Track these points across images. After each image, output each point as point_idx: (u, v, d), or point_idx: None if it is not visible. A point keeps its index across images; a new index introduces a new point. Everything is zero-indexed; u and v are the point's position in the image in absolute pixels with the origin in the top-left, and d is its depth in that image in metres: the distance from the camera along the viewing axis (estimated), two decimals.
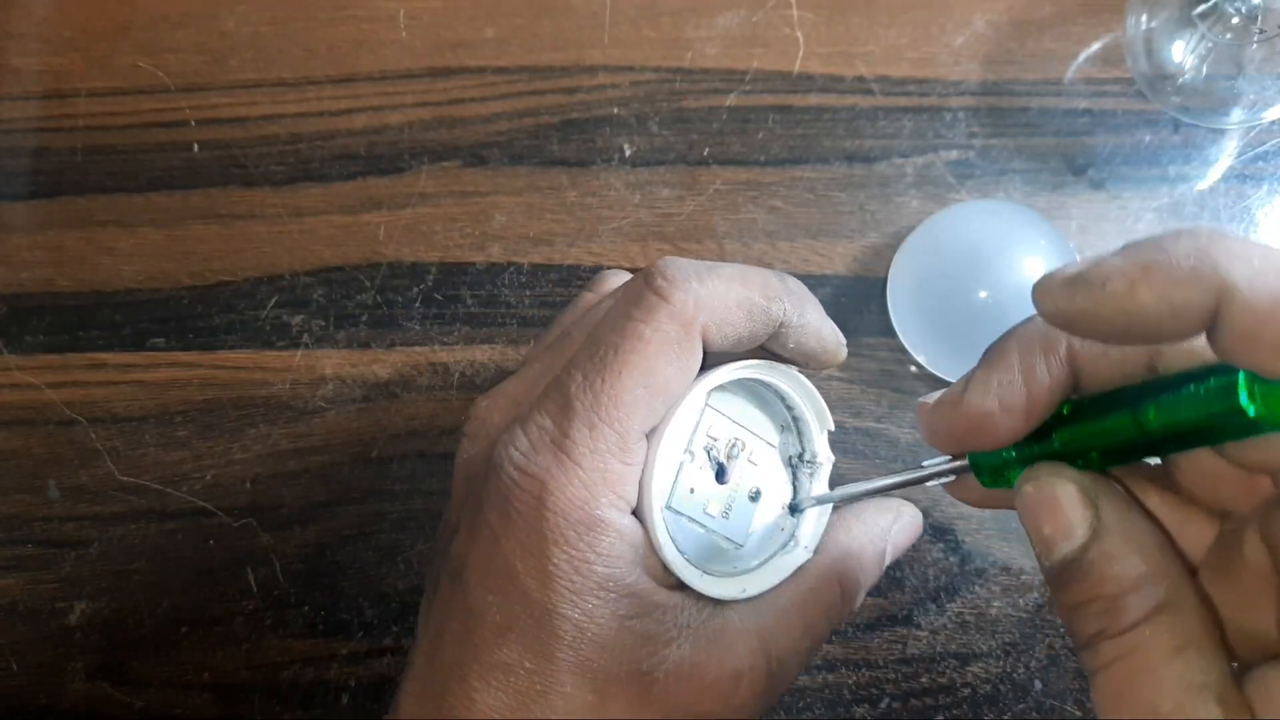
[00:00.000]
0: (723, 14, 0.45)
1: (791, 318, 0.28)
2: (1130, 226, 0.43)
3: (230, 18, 0.46)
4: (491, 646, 0.26)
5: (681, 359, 0.26)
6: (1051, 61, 0.45)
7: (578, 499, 0.25)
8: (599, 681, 0.26)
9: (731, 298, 0.27)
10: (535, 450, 0.26)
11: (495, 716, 0.26)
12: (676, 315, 0.26)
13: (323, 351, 0.43)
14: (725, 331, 0.27)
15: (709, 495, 0.29)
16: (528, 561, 0.26)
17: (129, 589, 0.42)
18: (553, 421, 0.26)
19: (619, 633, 0.26)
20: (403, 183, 0.45)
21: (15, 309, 0.44)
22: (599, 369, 0.26)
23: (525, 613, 0.26)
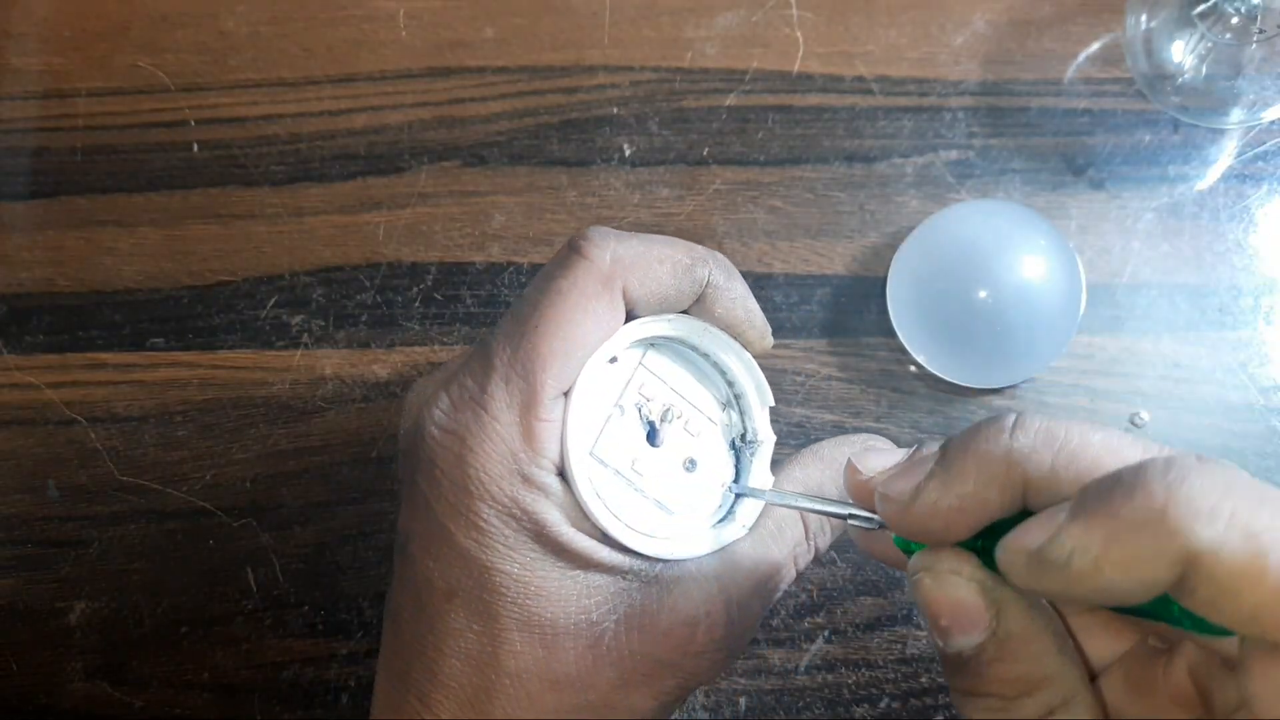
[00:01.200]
0: (722, 14, 0.45)
1: (718, 280, 0.28)
2: (1130, 226, 0.43)
3: (230, 18, 0.46)
4: (442, 614, 0.26)
5: (599, 313, 0.26)
6: (1051, 61, 0.45)
7: (498, 454, 0.25)
8: (547, 635, 0.26)
9: (653, 254, 0.27)
10: (456, 409, 0.26)
11: (454, 684, 0.26)
12: (594, 270, 0.26)
13: (322, 351, 0.43)
14: (649, 287, 0.27)
15: (638, 453, 0.28)
16: (458, 520, 0.26)
17: (129, 589, 0.42)
18: (474, 381, 0.26)
19: (562, 583, 0.26)
20: (402, 183, 0.45)
21: (15, 309, 0.44)
22: (518, 325, 0.26)
23: (465, 574, 0.26)
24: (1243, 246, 0.43)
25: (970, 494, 0.21)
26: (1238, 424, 0.41)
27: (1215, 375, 0.42)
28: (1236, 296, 0.43)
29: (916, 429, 0.42)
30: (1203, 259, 0.43)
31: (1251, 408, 0.42)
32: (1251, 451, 0.41)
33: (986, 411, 0.42)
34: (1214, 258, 0.43)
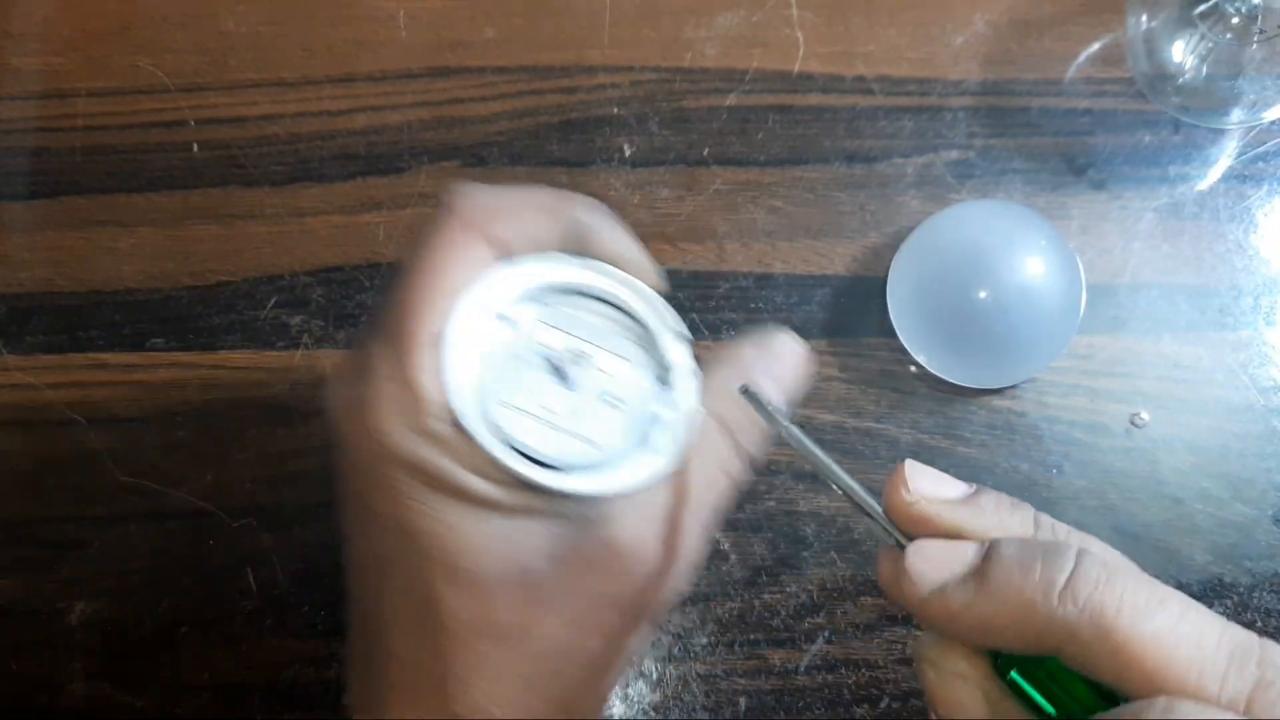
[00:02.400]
0: (722, 14, 0.45)
1: (585, 218, 0.28)
2: (1130, 227, 0.43)
3: (230, 18, 0.46)
4: (381, 588, 0.26)
5: (462, 258, 0.26)
6: (1052, 61, 0.45)
7: (392, 413, 0.25)
8: (479, 588, 0.25)
9: (524, 200, 0.27)
10: (350, 380, 0.26)
11: (407, 656, 0.26)
12: (457, 218, 0.26)
13: (323, 352, 0.43)
14: (515, 229, 0.27)
15: (549, 394, 0.28)
16: (373, 487, 0.26)
17: (129, 589, 0.42)
18: (363, 349, 0.26)
19: (487, 536, 0.25)
20: (402, 183, 0.45)
21: (15, 309, 0.44)
22: (396, 287, 0.26)
23: (393, 540, 0.26)
24: (1243, 247, 0.43)
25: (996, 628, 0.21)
26: (1238, 424, 0.41)
27: (1216, 376, 0.42)
28: (1237, 297, 0.43)
29: (917, 429, 0.42)
30: (1203, 259, 0.43)
31: (1252, 408, 0.42)
32: (1251, 452, 0.41)
33: (987, 412, 0.42)
34: (1214, 258, 0.43)
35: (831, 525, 0.41)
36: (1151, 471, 0.41)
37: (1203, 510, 0.41)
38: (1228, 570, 0.40)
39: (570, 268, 0.28)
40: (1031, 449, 0.41)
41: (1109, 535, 0.41)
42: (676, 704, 0.40)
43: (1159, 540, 0.41)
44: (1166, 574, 0.40)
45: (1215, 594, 0.40)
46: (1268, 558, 0.40)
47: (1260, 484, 0.41)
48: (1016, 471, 0.41)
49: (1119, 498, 0.41)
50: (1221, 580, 0.40)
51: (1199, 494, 0.41)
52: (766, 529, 0.41)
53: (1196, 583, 0.40)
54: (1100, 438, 0.41)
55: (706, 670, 0.40)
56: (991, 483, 0.41)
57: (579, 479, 0.27)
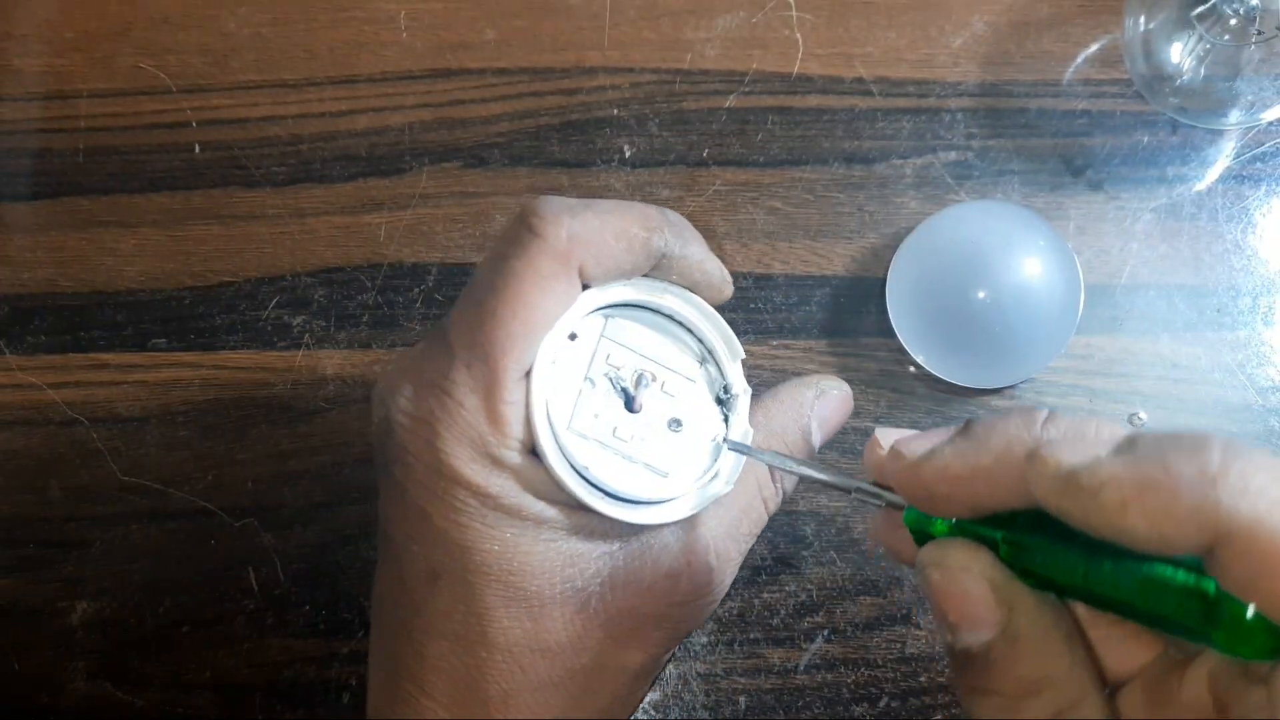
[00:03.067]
0: (722, 15, 0.46)
1: (674, 249, 0.28)
2: (1128, 227, 0.43)
3: (232, 19, 0.46)
4: (427, 598, 0.26)
5: (556, 293, 0.26)
6: (1050, 63, 0.45)
7: (467, 437, 0.26)
8: (534, 607, 0.26)
9: (608, 229, 0.27)
10: (420, 397, 0.26)
11: (444, 665, 0.26)
12: (549, 249, 0.26)
13: (324, 352, 0.43)
14: (604, 264, 0.27)
15: (618, 421, 0.28)
16: (435, 504, 0.26)
17: (130, 589, 0.42)
18: (434, 367, 0.26)
19: (545, 556, 0.26)
20: (403, 184, 0.45)
21: (17, 309, 0.44)
22: (475, 310, 0.26)
23: (447, 555, 0.26)
24: (1241, 247, 0.43)
25: (985, 467, 0.20)
26: (1236, 424, 0.42)
27: (1213, 375, 0.42)
28: (1235, 297, 0.43)
29: (916, 429, 0.42)
30: (1201, 260, 0.43)
31: (1250, 408, 0.42)
32: None
33: (986, 412, 0.42)
34: (1212, 258, 0.43)
35: (831, 525, 0.41)
36: None
37: None
38: None
39: (642, 290, 0.29)
40: None
41: None
42: (676, 703, 0.40)
43: None
44: None
45: None
46: None
47: None
48: None
49: None
50: None
51: None
52: (766, 528, 0.41)
53: None
54: None
55: (706, 669, 0.40)
56: None
57: (642, 511, 0.28)
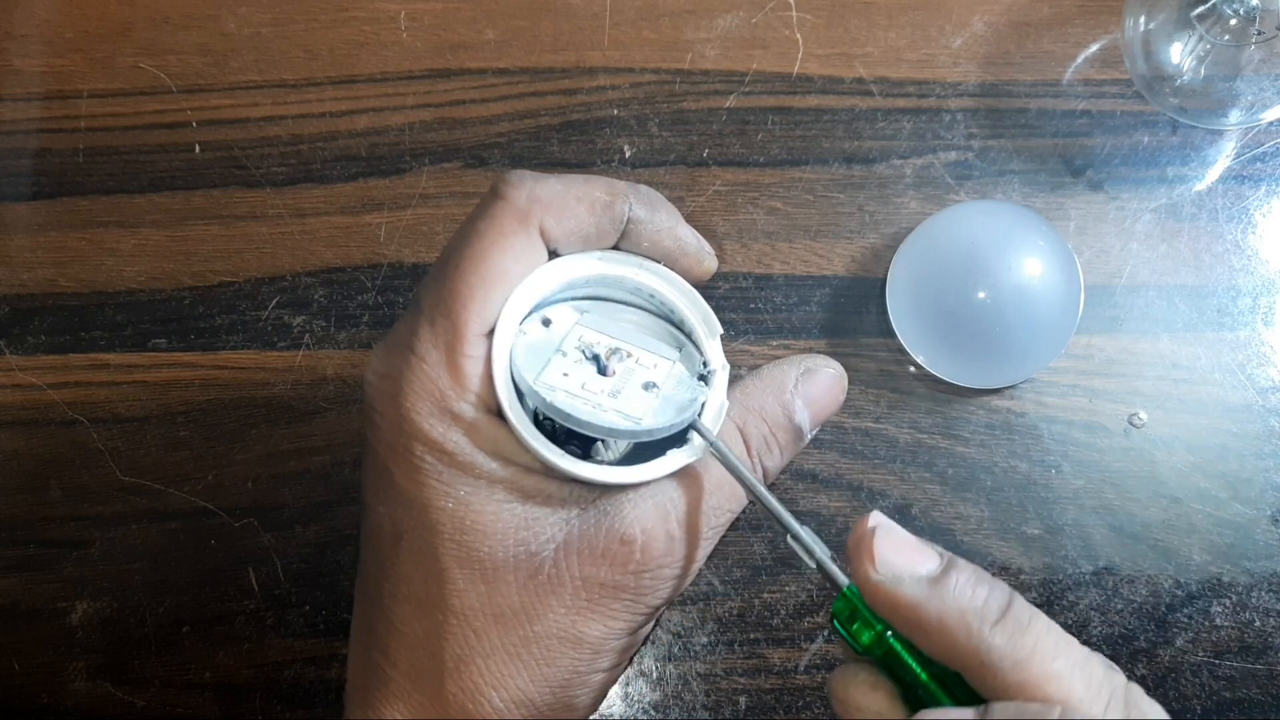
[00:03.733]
0: (722, 16, 0.46)
1: (639, 213, 0.28)
2: (1128, 227, 0.43)
3: (232, 19, 0.46)
4: (391, 559, 0.27)
5: (516, 249, 0.27)
6: (1050, 63, 0.45)
7: (426, 391, 0.26)
8: (487, 570, 0.26)
9: (571, 192, 0.27)
10: (388, 355, 0.27)
11: (407, 630, 0.26)
12: (509, 209, 0.27)
13: (324, 352, 0.43)
14: (566, 225, 0.27)
15: (587, 378, 0.28)
16: (397, 460, 0.26)
17: (130, 589, 0.42)
18: (404, 325, 0.27)
19: (498, 517, 0.26)
20: (404, 184, 0.45)
21: (17, 309, 0.44)
22: (441, 269, 0.27)
23: (408, 515, 0.26)
24: (1241, 247, 0.43)
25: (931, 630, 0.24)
26: (1236, 424, 0.42)
27: (1214, 376, 0.42)
28: (1235, 297, 0.43)
29: (916, 429, 0.42)
30: (1201, 260, 0.43)
31: (1250, 408, 0.42)
32: (1249, 452, 0.41)
33: (986, 412, 0.42)
34: (1212, 258, 0.43)
35: (831, 525, 0.41)
36: (1150, 471, 0.41)
37: (1201, 510, 0.41)
38: (1226, 570, 0.40)
39: (614, 264, 0.29)
40: (1030, 449, 0.42)
41: (1107, 535, 0.41)
42: (676, 703, 0.40)
43: (1157, 540, 0.41)
44: (1165, 573, 0.40)
45: (1213, 593, 0.40)
46: (1266, 557, 0.40)
47: (1258, 484, 0.41)
48: (1015, 471, 0.41)
49: (1117, 497, 0.41)
50: (1220, 579, 0.40)
51: (1197, 493, 0.41)
52: (766, 528, 0.41)
53: (1195, 582, 0.40)
54: (1099, 438, 0.41)
55: (706, 669, 0.40)
56: (990, 482, 0.42)
57: (606, 470, 0.27)
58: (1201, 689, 0.40)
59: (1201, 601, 0.40)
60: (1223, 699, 0.40)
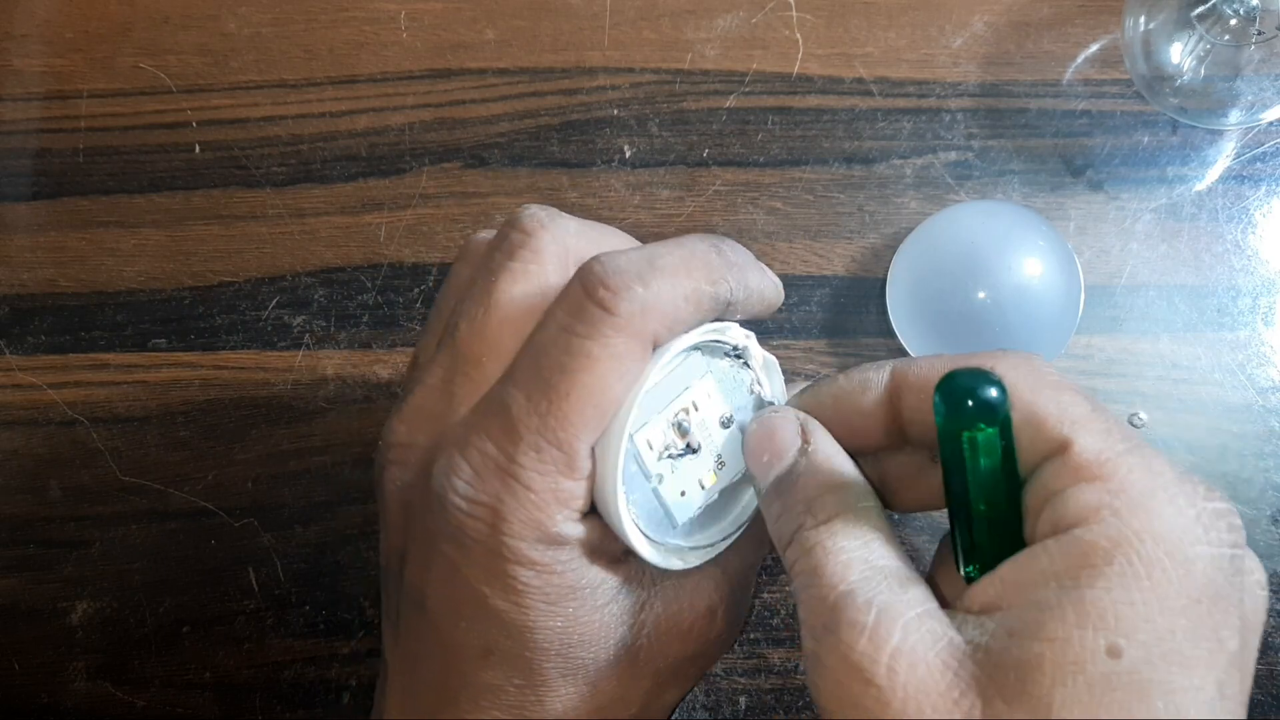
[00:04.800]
0: (722, 16, 0.46)
1: (738, 295, 0.27)
2: (1129, 227, 0.43)
3: (231, 19, 0.46)
4: (475, 670, 0.26)
5: (633, 372, 0.25)
6: (1050, 63, 0.45)
7: (533, 521, 0.25)
8: (591, 672, 0.26)
9: (679, 294, 0.26)
10: (481, 478, 0.25)
11: None
12: (624, 328, 0.25)
13: (324, 352, 0.43)
14: (675, 329, 0.26)
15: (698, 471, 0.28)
16: (494, 585, 0.25)
17: (130, 589, 0.42)
18: (496, 447, 0.25)
19: (602, 623, 0.26)
20: (404, 184, 0.45)
21: (17, 309, 0.44)
22: (544, 390, 0.25)
23: (502, 634, 0.26)
24: (1241, 247, 0.43)
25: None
26: (1236, 424, 0.42)
27: (1214, 376, 0.42)
28: (1235, 297, 0.43)
29: None
30: (1201, 260, 0.43)
31: (1250, 408, 0.42)
32: (1250, 452, 0.41)
33: None
34: (1212, 259, 0.43)
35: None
36: None
37: None
38: None
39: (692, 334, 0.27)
40: None
41: None
42: None
43: None
44: None
45: None
46: (1266, 557, 0.40)
47: (1259, 484, 0.41)
48: None
49: None
50: None
51: None
52: None
53: None
54: None
55: None
56: None
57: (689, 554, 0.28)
58: None
59: None
60: None
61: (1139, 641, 0.20)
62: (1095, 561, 0.21)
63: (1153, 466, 0.23)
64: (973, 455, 0.24)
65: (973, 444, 0.23)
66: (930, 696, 0.21)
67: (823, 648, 0.22)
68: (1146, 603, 0.21)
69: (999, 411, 0.23)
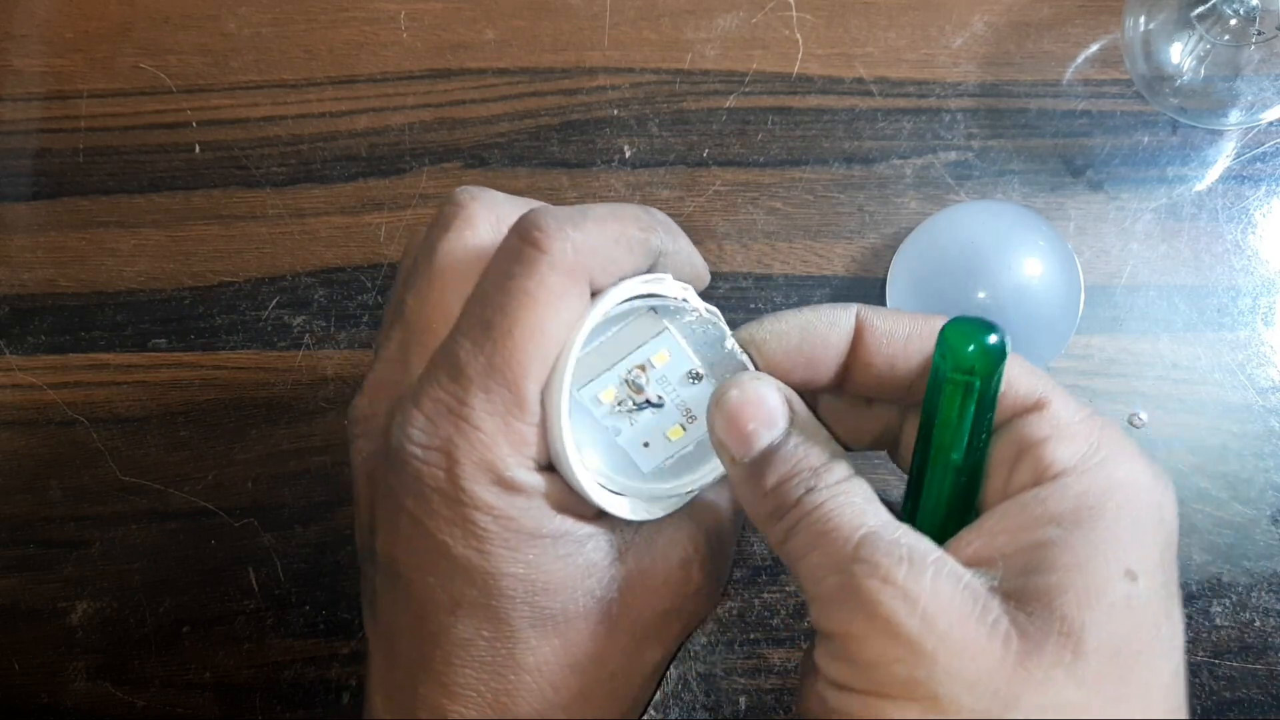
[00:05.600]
0: (722, 16, 0.46)
1: (667, 245, 0.28)
2: (1128, 227, 0.43)
3: (231, 19, 0.46)
4: (447, 627, 0.26)
5: (571, 309, 0.26)
6: (1050, 63, 0.45)
7: (485, 462, 0.25)
8: (560, 624, 0.26)
9: (609, 234, 0.27)
10: (434, 423, 0.25)
11: (471, 693, 0.26)
12: (558, 265, 0.25)
13: (324, 352, 0.43)
14: (610, 270, 0.27)
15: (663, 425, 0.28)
16: (455, 533, 0.25)
17: (130, 589, 0.42)
18: (446, 392, 0.25)
19: (565, 572, 0.26)
20: (404, 184, 0.45)
21: (17, 309, 0.44)
22: (487, 332, 0.25)
23: (468, 583, 0.26)
24: (1241, 247, 0.43)
25: None
26: (1236, 424, 0.42)
27: (1214, 376, 0.42)
28: (1235, 297, 0.43)
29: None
30: (1201, 260, 0.43)
31: (1250, 408, 0.42)
32: (1250, 452, 0.41)
33: None
34: (1212, 259, 0.43)
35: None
36: None
37: (1201, 510, 0.41)
38: (1226, 570, 0.40)
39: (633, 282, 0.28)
40: None
41: None
42: (676, 703, 0.40)
43: None
44: None
45: (1213, 593, 0.40)
46: (1266, 557, 0.40)
47: (1258, 484, 0.41)
48: None
49: None
50: (1220, 579, 0.40)
51: (1197, 494, 0.41)
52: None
53: (1195, 582, 0.40)
54: None
55: (706, 669, 0.40)
56: None
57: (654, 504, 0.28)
58: (1201, 689, 0.40)
59: (1201, 601, 0.40)
60: (1223, 699, 0.40)
61: (1147, 570, 0.23)
62: (1092, 504, 0.23)
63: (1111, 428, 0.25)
64: (964, 402, 0.24)
65: (968, 389, 0.24)
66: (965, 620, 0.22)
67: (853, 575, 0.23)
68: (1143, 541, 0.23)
69: (1002, 357, 0.24)
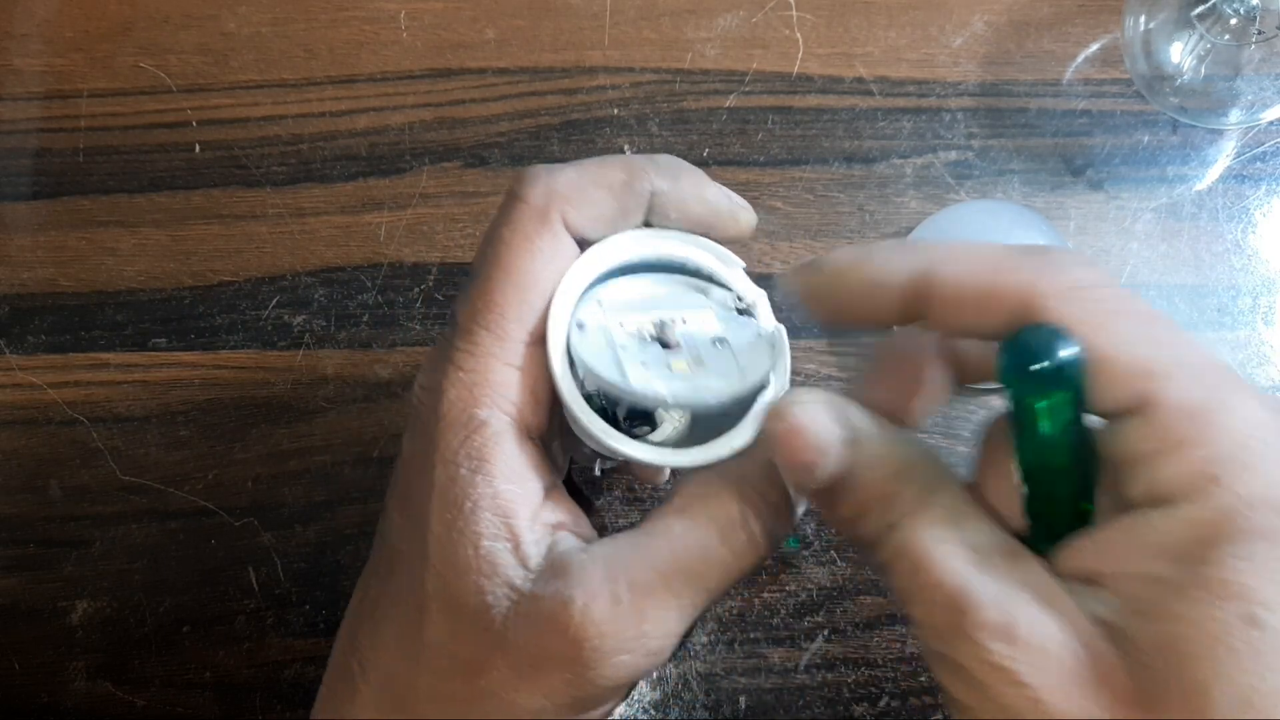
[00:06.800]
0: (722, 15, 0.46)
1: (662, 186, 0.27)
2: (1129, 227, 0.43)
3: (232, 19, 0.46)
4: (388, 575, 0.26)
5: (545, 251, 0.26)
6: (1050, 62, 0.45)
7: (459, 400, 0.25)
8: (452, 610, 0.25)
9: (587, 178, 0.27)
10: (432, 368, 0.26)
11: (383, 655, 0.26)
12: (530, 210, 0.26)
13: (324, 352, 0.43)
14: (590, 214, 0.27)
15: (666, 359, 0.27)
16: (417, 477, 0.26)
17: (130, 588, 0.42)
18: (444, 339, 0.27)
19: (476, 556, 0.24)
20: (404, 183, 0.45)
21: (17, 309, 0.44)
22: (474, 280, 0.26)
23: (414, 533, 0.25)
24: (1241, 247, 0.43)
25: None
26: None
27: None
28: (1235, 297, 0.43)
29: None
30: (1201, 259, 0.43)
31: None
32: None
33: (986, 412, 0.42)
34: (1212, 258, 0.43)
35: (832, 524, 0.41)
36: None
37: None
38: None
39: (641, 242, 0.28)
40: None
41: None
42: (676, 702, 0.40)
43: None
44: None
45: None
46: None
47: None
48: None
49: None
50: None
51: None
52: None
53: None
54: None
55: (706, 669, 0.40)
56: None
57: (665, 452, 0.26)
58: None
59: None
60: None
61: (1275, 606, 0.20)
62: (1209, 536, 0.20)
63: (1249, 415, 0.21)
64: (1039, 422, 0.22)
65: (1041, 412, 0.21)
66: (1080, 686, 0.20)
67: (956, 651, 0.21)
68: (1266, 572, 0.20)
69: (1074, 379, 0.21)
